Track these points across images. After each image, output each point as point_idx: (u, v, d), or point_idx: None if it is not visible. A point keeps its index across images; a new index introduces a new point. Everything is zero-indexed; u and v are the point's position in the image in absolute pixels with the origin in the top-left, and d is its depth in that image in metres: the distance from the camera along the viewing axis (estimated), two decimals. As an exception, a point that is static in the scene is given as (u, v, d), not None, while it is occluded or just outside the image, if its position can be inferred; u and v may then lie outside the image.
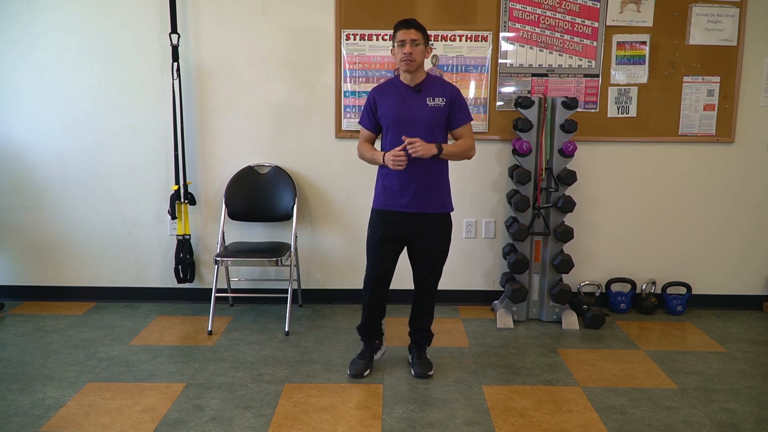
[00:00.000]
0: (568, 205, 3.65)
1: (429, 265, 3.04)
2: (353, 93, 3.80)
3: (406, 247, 3.05)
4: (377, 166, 3.00)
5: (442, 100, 2.91)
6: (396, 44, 2.86)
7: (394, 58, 2.92)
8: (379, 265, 3.00)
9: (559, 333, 3.63)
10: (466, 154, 3.00)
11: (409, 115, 2.88)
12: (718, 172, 3.93)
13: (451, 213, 3.04)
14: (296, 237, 3.83)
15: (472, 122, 3.01)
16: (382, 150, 2.95)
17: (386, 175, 2.95)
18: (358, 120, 3.43)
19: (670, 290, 3.98)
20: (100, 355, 3.25)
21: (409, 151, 2.80)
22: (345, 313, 3.87)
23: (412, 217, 2.93)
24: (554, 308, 3.76)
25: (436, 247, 3.02)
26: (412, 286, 4.04)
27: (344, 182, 3.91)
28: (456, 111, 2.95)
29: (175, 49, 3.72)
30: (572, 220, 3.84)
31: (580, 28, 3.76)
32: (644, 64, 3.79)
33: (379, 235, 2.97)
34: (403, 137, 2.81)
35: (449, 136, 3.02)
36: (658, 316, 3.93)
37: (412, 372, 3.06)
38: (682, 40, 3.77)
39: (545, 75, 3.80)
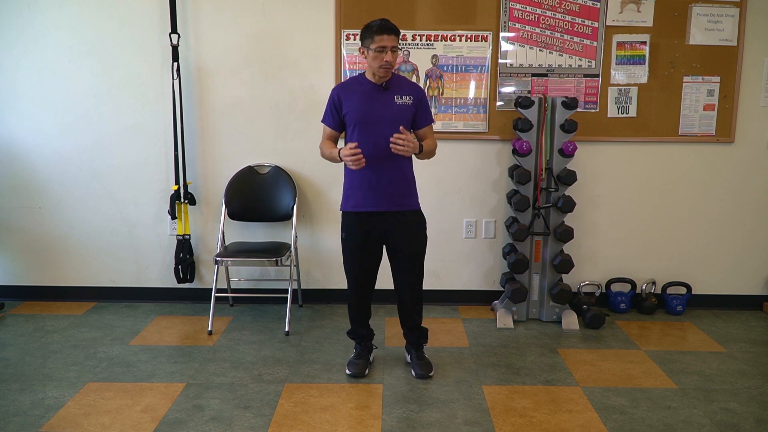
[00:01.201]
0: (568, 205, 3.65)
1: (408, 265, 3.00)
2: (353, 93, 3.80)
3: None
4: (343, 166, 2.94)
5: (410, 98, 2.90)
6: (373, 49, 2.77)
7: (365, 59, 2.84)
8: (363, 268, 2.99)
9: (559, 333, 3.63)
10: (433, 155, 3.02)
11: (376, 113, 2.86)
12: (718, 172, 3.93)
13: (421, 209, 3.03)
14: (296, 237, 3.83)
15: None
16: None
17: (353, 175, 2.89)
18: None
19: (670, 290, 3.97)
20: (100, 355, 3.25)
21: (399, 146, 2.72)
22: (345, 313, 3.83)
23: (384, 216, 2.91)
24: (554, 308, 3.76)
25: (413, 246, 2.99)
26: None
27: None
28: (422, 111, 2.96)
29: (175, 49, 3.72)
30: (572, 220, 3.84)
31: (580, 28, 3.76)
32: (644, 64, 3.79)
33: (356, 238, 2.95)
34: (399, 132, 2.73)
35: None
36: (658, 316, 3.92)
37: (413, 373, 3.05)
38: (682, 40, 3.77)
39: (545, 75, 3.80)
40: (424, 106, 2.97)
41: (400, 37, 2.87)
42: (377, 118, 2.85)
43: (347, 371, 3.04)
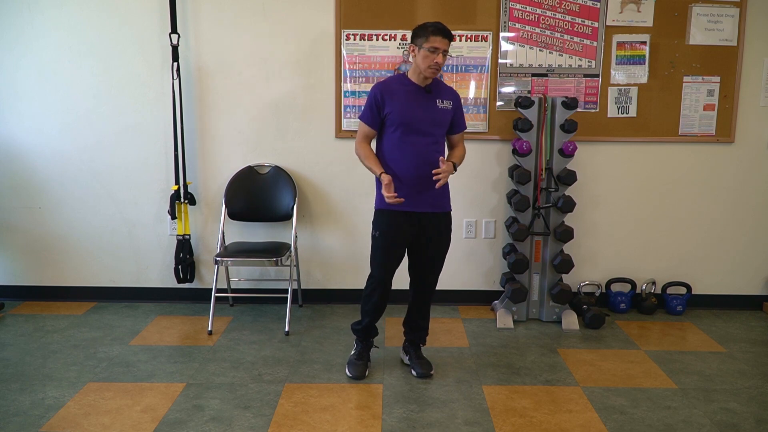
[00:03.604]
0: (568, 205, 3.65)
1: (433, 265, 3.03)
2: (353, 93, 3.80)
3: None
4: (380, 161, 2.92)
5: (450, 103, 2.92)
6: (426, 48, 2.75)
7: (415, 57, 2.82)
8: (390, 268, 2.97)
9: (559, 333, 3.63)
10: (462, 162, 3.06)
11: (421, 116, 2.85)
12: (718, 172, 3.93)
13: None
14: (296, 237, 3.83)
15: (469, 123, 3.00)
16: (384, 148, 2.90)
17: (395, 176, 2.85)
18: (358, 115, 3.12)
19: (670, 290, 3.97)
20: (100, 355, 3.25)
21: (438, 178, 2.79)
22: (345, 313, 3.87)
23: (420, 217, 2.91)
24: (554, 308, 3.76)
25: (442, 247, 3.02)
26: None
27: (344, 182, 3.91)
28: (458, 116, 2.99)
29: (175, 49, 3.72)
30: (572, 220, 3.84)
31: (580, 28, 3.76)
32: (644, 64, 3.79)
33: (391, 237, 2.92)
34: (438, 136, 2.82)
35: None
36: (658, 316, 3.92)
37: (413, 372, 3.05)
38: (682, 40, 3.77)
39: (545, 75, 3.80)
40: (460, 112, 3.01)
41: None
42: (421, 120, 2.85)
43: (348, 373, 3.04)
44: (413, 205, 2.89)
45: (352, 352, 3.14)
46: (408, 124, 2.84)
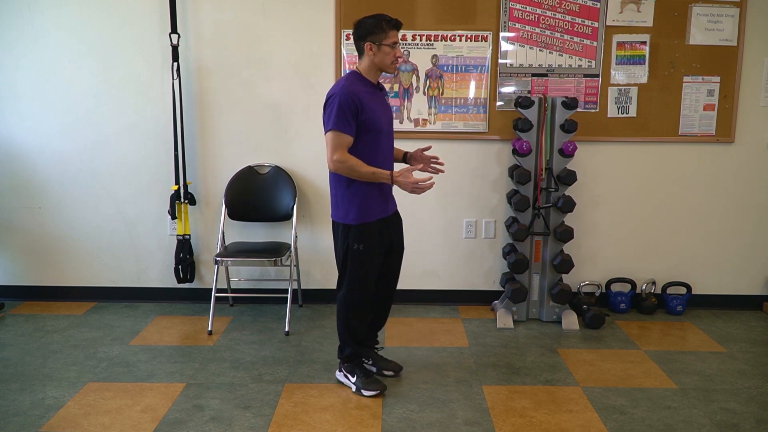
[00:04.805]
0: (568, 205, 3.65)
1: (400, 260, 3.01)
2: (353, 93, 3.80)
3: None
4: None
5: (387, 98, 2.93)
6: (388, 44, 2.68)
7: (372, 56, 2.70)
8: (373, 282, 2.87)
9: (559, 333, 3.63)
10: None
11: (386, 117, 2.81)
12: (718, 172, 3.92)
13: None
14: (296, 237, 3.83)
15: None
16: (358, 155, 2.69)
17: (370, 185, 2.73)
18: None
19: (670, 290, 3.97)
20: (100, 355, 3.25)
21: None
22: (345, 313, 3.87)
23: (393, 219, 2.91)
24: (554, 308, 3.76)
25: (402, 241, 3.00)
26: (415, 286, 4.01)
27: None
28: None
29: (175, 49, 3.72)
30: (572, 220, 3.84)
31: (580, 28, 3.76)
32: (644, 64, 3.79)
33: (376, 249, 2.82)
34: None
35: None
36: (658, 316, 3.92)
37: (388, 373, 3.01)
38: (682, 40, 3.77)
39: (545, 75, 3.80)
40: None
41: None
42: (386, 121, 2.82)
43: (369, 393, 2.83)
44: (387, 210, 2.85)
45: (354, 378, 2.89)
46: (380, 128, 2.75)
